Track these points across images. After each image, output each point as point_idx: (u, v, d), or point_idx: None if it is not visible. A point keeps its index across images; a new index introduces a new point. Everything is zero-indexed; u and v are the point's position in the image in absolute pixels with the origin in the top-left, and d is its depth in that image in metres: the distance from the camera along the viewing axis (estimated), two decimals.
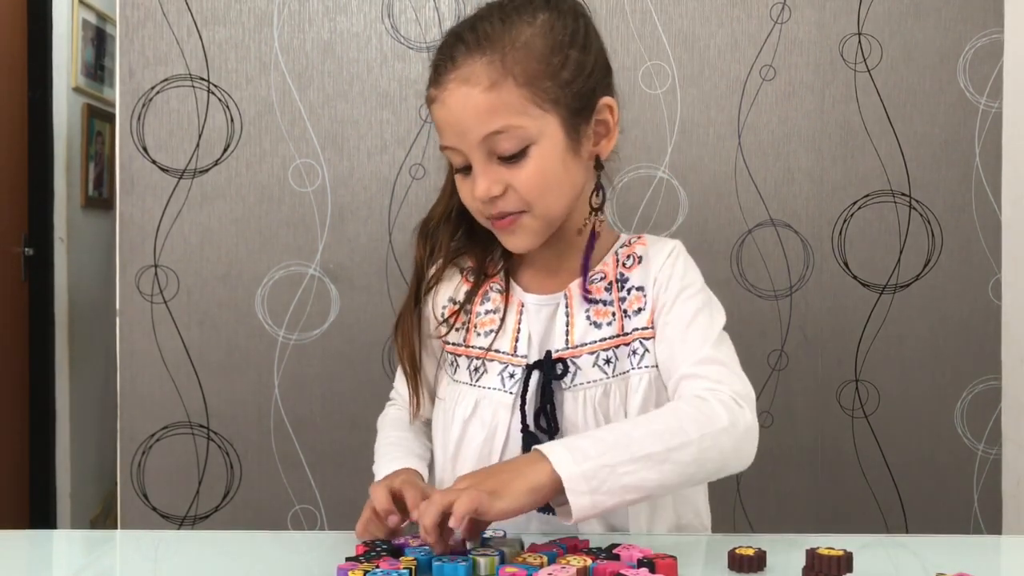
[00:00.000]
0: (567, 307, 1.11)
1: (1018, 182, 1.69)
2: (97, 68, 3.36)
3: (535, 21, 1.04)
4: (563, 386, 1.08)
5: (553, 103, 1.03)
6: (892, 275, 1.73)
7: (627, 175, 1.70)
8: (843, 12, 1.70)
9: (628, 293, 1.11)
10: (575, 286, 1.11)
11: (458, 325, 1.14)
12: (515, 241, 1.08)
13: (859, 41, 1.71)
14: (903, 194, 1.72)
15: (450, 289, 1.17)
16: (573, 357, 1.08)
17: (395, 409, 1.27)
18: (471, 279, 1.16)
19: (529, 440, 1.07)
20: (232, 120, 1.70)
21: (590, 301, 1.10)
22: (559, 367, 1.07)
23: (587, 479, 0.89)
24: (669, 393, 1.07)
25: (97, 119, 3.34)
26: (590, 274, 1.12)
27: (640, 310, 1.10)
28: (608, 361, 1.08)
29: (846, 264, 1.73)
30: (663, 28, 1.69)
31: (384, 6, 1.70)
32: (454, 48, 1.04)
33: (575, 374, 1.08)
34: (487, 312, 1.13)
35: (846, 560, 0.86)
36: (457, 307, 1.15)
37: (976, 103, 1.71)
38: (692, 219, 1.71)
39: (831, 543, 0.90)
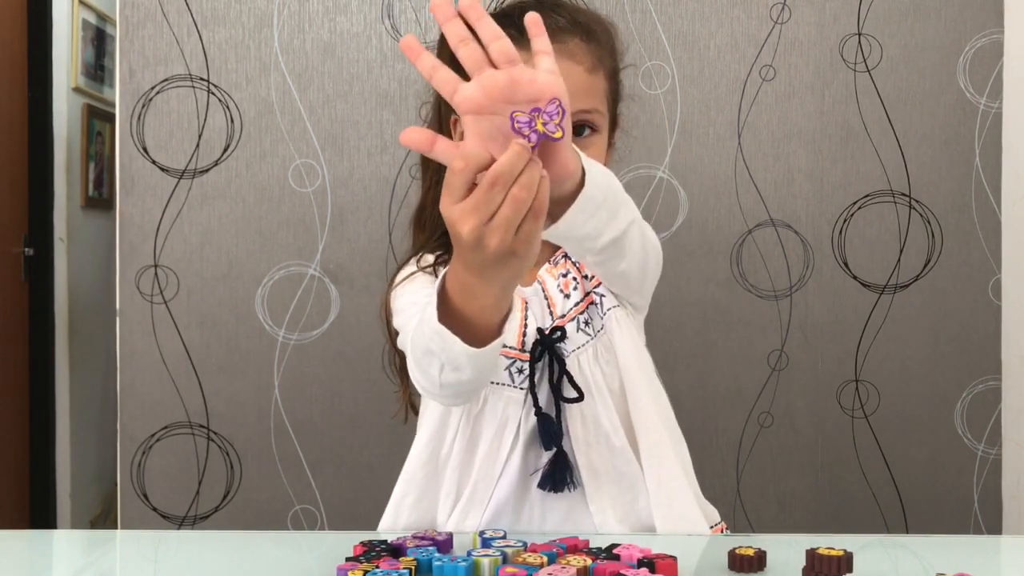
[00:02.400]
0: (543, 290, 1.14)
1: (1018, 182, 1.69)
2: (97, 68, 3.36)
3: (613, 33, 1.12)
4: (565, 353, 1.10)
5: (612, 105, 1.11)
6: (892, 275, 1.73)
7: (627, 175, 1.70)
8: (843, 12, 1.70)
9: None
10: (543, 271, 1.15)
11: None
12: None
13: (859, 41, 1.71)
14: (903, 194, 1.72)
15: None
16: (561, 326, 1.12)
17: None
18: None
19: (544, 421, 1.08)
20: (232, 120, 1.70)
21: (559, 276, 1.14)
22: (556, 334, 1.10)
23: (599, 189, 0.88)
24: None
25: (97, 119, 3.34)
26: (552, 257, 1.16)
27: None
28: (587, 323, 1.12)
29: (846, 264, 1.73)
30: (663, 28, 1.69)
31: (384, 6, 1.70)
32: (551, 22, 1.04)
33: (568, 338, 1.11)
34: None
35: (846, 560, 0.86)
36: None
37: (976, 103, 1.71)
38: (692, 219, 1.71)
39: (831, 543, 0.90)
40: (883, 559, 0.96)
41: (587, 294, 1.13)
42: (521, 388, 1.10)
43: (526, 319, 1.12)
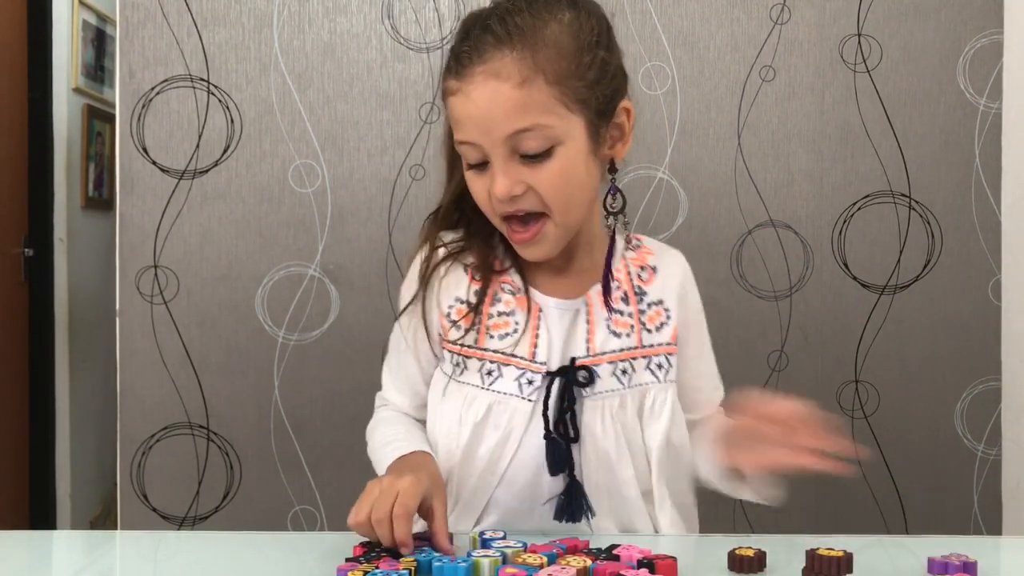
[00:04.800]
0: (587, 314, 1.09)
1: (1018, 182, 1.69)
2: (97, 68, 3.36)
3: (564, 19, 1.02)
4: (584, 394, 1.06)
5: (580, 103, 1.01)
6: (892, 276, 1.73)
7: (627, 175, 1.70)
8: (843, 13, 1.70)
9: (648, 307, 1.11)
10: (595, 293, 1.10)
11: (467, 326, 1.10)
12: (535, 251, 1.06)
13: (859, 42, 1.71)
14: (903, 195, 1.72)
15: (458, 289, 1.12)
16: (594, 365, 1.07)
17: (388, 411, 1.24)
18: (478, 278, 1.11)
19: (552, 446, 1.05)
20: (232, 121, 1.71)
21: (611, 310, 1.09)
22: (583, 375, 1.06)
23: None
24: (695, 415, 1.17)
25: (97, 119, 3.34)
26: (613, 279, 1.11)
27: (662, 325, 1.11)
28: (625, 372, 1.08)
29: (846, 265, 1.73)
30: (663, 28, 1.69)
31: (384, 7, 1.70)
32: (482, 40, 0.99)
33: (596, 383, 1.07)
34: (500, 314, 1.10)
35: (846, 560, 0.86)
36: (468, 308, 1.10)
37: (976, 103, 1.71)
38: (692, 219, 1.71)
39: (831, 543, 0.90)
40: (883, 559, 0.96)
41: (643, 347, 1.09)
42: (529, 400, 1.07)
43: (538, 329, 1.08)
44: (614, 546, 0.92)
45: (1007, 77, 1.70)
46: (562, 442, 1.06)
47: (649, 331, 1.10)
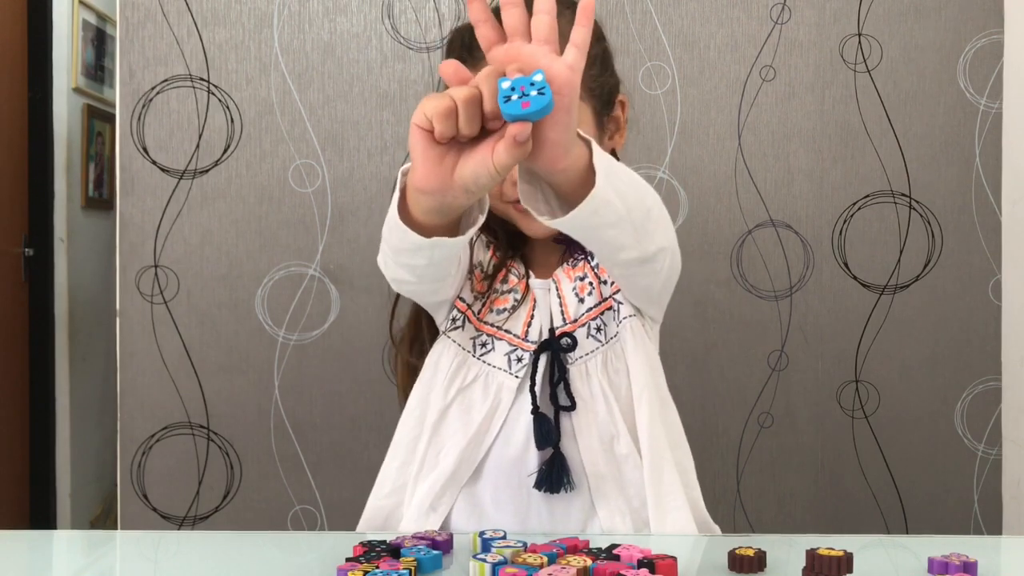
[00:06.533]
0: (557, 289, 1.14)
1: (1018, 182, 1.69)
2: (97, 68, 3.36)
3: (569, 15, 1.06)
4: (569, 361, 1.10)
5: (588, 92, 1.07)
6: (892, 275, 1.73)
7: None
8: (843, 12, 1.70)
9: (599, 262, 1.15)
10: (560, 271, 1.14)
11: (480, 292, 1.15)
12: (538, 226, 1.07)
13: (859, 41, 1.71)
14: (903, 194, 1.72)
15: (482, 256, 1.18)
16: (571, 332, 1.11)
17: None
18: (498, 254, 1.17)
19: (540, 421, 1.08)
20: (232, 121, 1.71)
21: (575, 279, 1.13)
22: (565, 341, 1.10)
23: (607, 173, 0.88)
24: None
25: (97, 119, 3.34)
26: (571, 257, 1.15)
27: None
28: (599, 329, 1.11)
29: (846, 264, 1.73)
30: (663, 28, 1.69)
31: (384, 7, 1.70)
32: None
33: (577, 347, 1.11)
34: (503, 292, 1.16)
35: (846, 560, 0.86)
36: (484, 276, 1.16)
37: (976, 103, 1.71)
38: (692, 219, 1.71)
39: (831, 543, 0.90)
40: (883, 559, 0.96)
41: (604, 299, 1.12)
42: (516, 376, 1.10)
43: (533, 311, 1.12)
44: (614, 546, 0.92)
45: (1007, 77, 1.70)
46: (550, 416, 1.08)
47: (604, 282, 1.13)
